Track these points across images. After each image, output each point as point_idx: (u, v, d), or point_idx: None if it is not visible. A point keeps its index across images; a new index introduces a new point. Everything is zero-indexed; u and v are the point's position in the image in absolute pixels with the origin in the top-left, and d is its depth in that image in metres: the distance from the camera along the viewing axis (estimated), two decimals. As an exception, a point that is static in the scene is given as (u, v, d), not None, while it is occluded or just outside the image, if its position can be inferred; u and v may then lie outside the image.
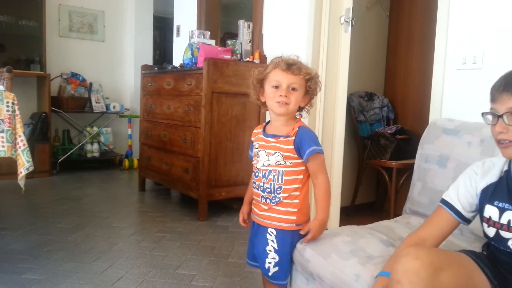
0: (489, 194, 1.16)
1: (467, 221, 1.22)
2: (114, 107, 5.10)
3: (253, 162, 1.55)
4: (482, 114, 1.11)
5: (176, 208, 3.48)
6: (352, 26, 2.82)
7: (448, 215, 1.21)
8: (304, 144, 1.43)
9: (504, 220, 1.11)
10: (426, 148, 1.84)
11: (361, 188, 3.34)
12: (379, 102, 3.34)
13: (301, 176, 1.46)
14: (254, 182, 1.53)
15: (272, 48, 3.27)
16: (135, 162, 5.05)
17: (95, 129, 5.03)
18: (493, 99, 1.08)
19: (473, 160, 1.44)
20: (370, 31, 3.43)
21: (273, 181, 1.46)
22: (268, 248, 1.47)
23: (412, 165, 1.96)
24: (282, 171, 1.45)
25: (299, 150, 1.43)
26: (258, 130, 1.58)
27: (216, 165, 3.10)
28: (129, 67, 5.48)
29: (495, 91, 1.07)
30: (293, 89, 1.42)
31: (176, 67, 3.51)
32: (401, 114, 3.43)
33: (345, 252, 1.38)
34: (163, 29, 6.78)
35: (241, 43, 3.42)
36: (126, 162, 5.08)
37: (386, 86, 3.58)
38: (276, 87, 1.42)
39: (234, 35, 3.61)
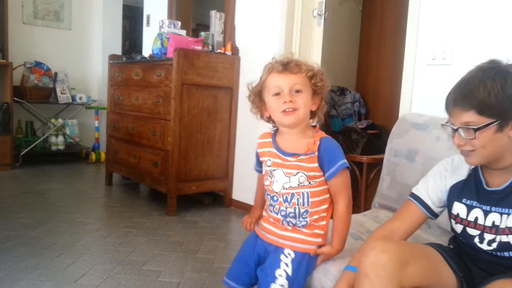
0: (457, 192, 1.17)
1: (435, 215, 1.23)
2: (80, 98, 4.93)
3: (265, 182, 1.34)
4: (442, 125, 1.11)
5: (144, 202, 3.40)
6: (325, 19, 2.82)
7: (417, 209, 1.22)
8: (329, 159, 1.23)
9: (471, 218, 1.12)
10: (396, 142, 1.85)
11: (331, 182, 3.35)
12: (351, 97, 3.35)
13: (327, 196, 1.29)
14: (271, 205, 1.32)
15: (245, 40, 3.23)
16: (102, 156, 4.90)
17: (60, 120, 4.85)
18: (448, 113, 1.07)
19: (441, 154, 1.46)
20: (343, 26, 3.43)
21: (297, 205, 1.26)
22: (279, 272, 1.24)
23: (382, 160, 1.96)
24: (307, 192, 1.25)
25: (322, 166, 1.24)
26: (265, 140, 1.35)
27: (186, 158, 3.04)
28: (96, 57, 5.31)
29: (448, 105, 1.06)
30: (298, 91, 1.21)
31: (145, 57, 3.41)
32: (373, 109, 3.45)
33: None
34: (133, 18, 6.61)
35: (212, 34, 3.35)
36: (93, 156, 4.93)
37: (358, 81, 3.59)
38: (277, 94, 1.22)
39: (207, 27, 3.54)
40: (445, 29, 2.06)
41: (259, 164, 1.41)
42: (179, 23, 3.42)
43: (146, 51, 4.10)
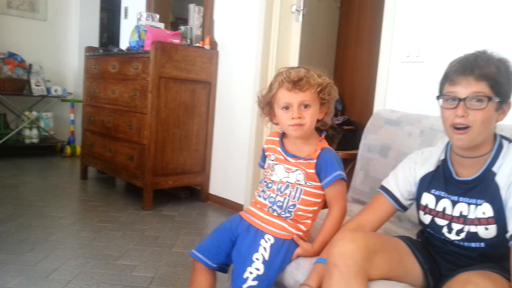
0: (426, 183, 1.19)
1: (404, 208, 1.25)
2: (55, 90, 4.82)
3: (265, 174, 1.40)
4: (438, 97, 1.09)
5: (120, 197, 3.36)
6: (303, 15, 2.83)
7: (386, 202, 1.24)
8: (327, 168, 1.28)
9: (439, 208, 1.15)
10: (369, 138, 1.88)
11: (308, 177, 3.37)
12: (328, 93, 3.38)
13: (319, 200, 1.33)
14: (262, 191, 1.36)
15: (223, 34, 3.21)
16: (78, 149, 4.81)
17: (35, 113, 4.74)
18: (453, 82, 1.04)
19: (413, 150, 1.48)
20: (321, 22, 3.45)
21: (288, 196, 1.31)
22: (256, 256, 1.26)
23: (357, 155, 1.98)
24: (301, 189, 1.31)
25: (319, 175, 1.30)
26: (273, 138, 1.42)
27: (163, 152, 3.01)
28: (73, 49, 5.19)
29: (457, 74, 1.03)
30: (306, 106, 1.27)
31: (122, 50, 3.36)
32: (349, 105, 3.49)
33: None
34: (111, 10, 6.49)
35: (191, 28, 3.33)
36: (68, 149, 4.84)
37: (335, 77, 3.62)
38: (286, 108, 1.28)
39: (186, 21, 3.51)
40: (419, 27, 2.09)
41: (264, 159, 1.45)
42: (157, 16, 3.38)
43: (124, 44, 4.05)
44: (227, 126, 3.17)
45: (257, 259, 1.26)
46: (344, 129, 2.96)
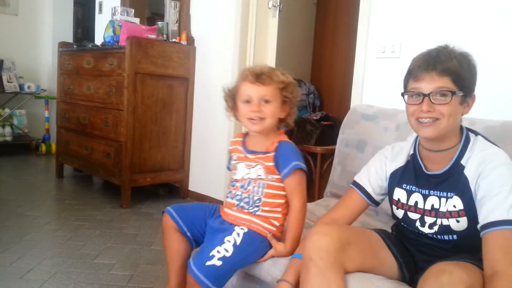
0: (397, 178, 1.21)
1: (376, 203, 1.27)
2: (29, 87, 4.70)
3: (231, 175, 1.43)
4: (403, 93, 1.11)
5: (97, 195, 3.31)
6: (280, 11, 2.83)
7: (359, 197, 1.26)
8: (284, 160, 1.30)
9: (411, 202, 1.17)
10: (346, 133, 1.90)
11: (287, 173, 3.39)
12: (306, 89, 3.40)
13: (283, 193, 1.34)
14: (229, 192, 1.40)
15: (200, 30, 3.19)
16: (53, 147, 4.70)
17: (7, 110, 4.61)
18: (417, 78, 1.06)
19: (389, 144, 1.50)
20: (298, 18, 3.45)
21: (252, 192, 1.34)
22: (228, 238, 1.26)
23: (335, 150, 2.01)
24: (263, 183, 1.33)
25: (278, 167, 1.31)
26: (237, 139, 1.45)
27: (140, 149, 2.98)
28: (46, 44, 5.07)
29: (420, 70, 1.05)
30: (266, 101, 1.29)
31: (97, 45, 3.30)
32: (327, 101, 3.52)
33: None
34: (85, 5, 6.35)
35: (167, 23, 3.29)
36: (43, 147, 4.73)
37: (313, 73, 3.64)
38: (247, 101, 1.31)
39: (162, 16, 3.46)
40: (395, 23, 2.12)
41: (230, 162, 1.48)
42: (132, 10, 3.33)
43: (99, 39, 3.96)
44: (205, 122, 3.15)
45: (228, 241, 1.26)
46: (322, 124, 2.98)
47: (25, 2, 4.92)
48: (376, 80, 2.20)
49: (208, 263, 1.21)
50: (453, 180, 1.10)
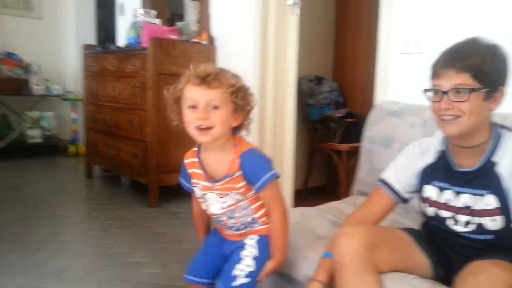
0: (428, 174, 1.18)
1: (405, 201, 1.24)
2: (55, 90, 4.82)
3: (201, 206, 1.29)
4: (425, 90, 1.10)
5: (126, 195, 3.39)
6: (300, 8, 2.82)
7: (386, 196, 1.23)
8: (254, 175, 1.18)
9: (443, 200, 1.14)
10: (372, 130, 1.89)
11: (313, 171, 3.40)
12: (328, 86, 3.39)
13: None
14: (220, 222, 1.29)
15: (220, 29, 3.21)
16: (81, 148, 4.81)
17: (36, 113, 4.75)
18: (437, 75, 1.05)
19: (417, 140, 1.50)
20: (318, 14, 3.44)
21: (243, 217, 1.24)
22: (244, 253, 1.22)
23: (360, 147, 2.00)
24: (247, 203, 1.22)
25: (249, 182, 1.19)
26: (192, 160, 1.27)
27: (165, 149, 3.03)
28: (70, 47, 5.18)
29: (439, 67, 1.05)
30: (215, 107, 1.12)
31: (120, 47, 3.37)
32: (350, 97, 3.50)
33: (293, 234, 1.39)
34: (107, 7, 6.45)
35: (187, 23, 3.32)
36: (71, 148, 4.85)
37: (335, 70, 3.63)
38: (193, 107, 1.12)
39: (182, 17, 3.50)
40: (417, 17, 2.10)
41: (188, 178, 1.31)
42: (154, 12, 3.37)
43: (121, 41, 4.04)
44: (228, 121, 3.17)
45: (246, 256, 1.22)
46: (346, 122, 2.97)
47: (49, 6, 5.04)
48: (400, 76, 2.18)
49: (234, 283, 1.19)
50: (486, 178, 1.07)
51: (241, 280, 1.18)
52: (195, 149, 1.28)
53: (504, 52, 1.04)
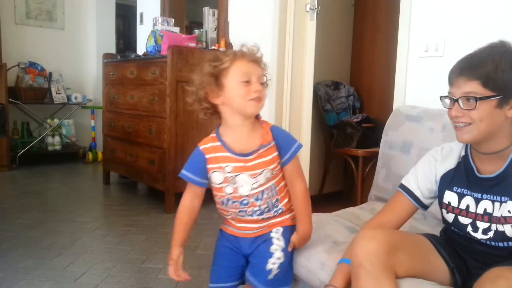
0: (448, 180, 1.16)
1: (425, 207, 1.23)
2: (75, 98, 4.92)
3: (225, 190, 1.25)
4: (440, 97, 1.11)
5: (143, 201, 3.41)
6: (317, 14, 2.82)
7: (406, 201, 1.22)
8: (285, 146, 1.24)
9: (463, 206, 1.12)
10: (390, 135, 1.86)
11: (328, 177, 3.36)
12: (345, 91, 3.36)
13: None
14: (242, 211, 1.26)
15: (238, 36, 3.23)
16: (99, 155, 4.89)
17: (56, 121, 4.84)
18: (450, 83, 1.07)
19: (435, 146, 1.46)
20: (336, 20, 3.43)
21: (269, 198, 1.26)
22: (273, 247, 1.25)
23: (377, 153, 1.97)
24: (273, 183, 1.26)
25: (280, 154, 1.24)
26: (212, 144, 1.26)
27: (183, 156, 3.04)
28: (91, 56, 5.29)
29: (452, 75, 1.06)
30: (262, 83, 1.21)
31: (139, 55, 3.41)
32: (367, 103, 3.46)
33: (311, 239, 1.37)
34: (126, 17, 6.59)
35: (206, 31, 3.36)
36: (90, 155, 4.93)
37: (352, 75, 3.60)
38: (247, 81, 1.17)
39: (200, 24, 3.54)
40: (437, 21, 2.06)
41: (201, 173, 1.28)
42: (172, 20, 3.42)
43: (140, 49, 4.10)
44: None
45: (275, 250, 1.25)
46: (363, 127, 2.94)
47: (71, 16, 5.16)
48: (419, 81, 2.15)
49: (270, 276, 1.23)
50: (507, 184, 1.05)
51: (275, 272, 1.23)
52: (213, 134, 1.28)
53: None
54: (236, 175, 1.23)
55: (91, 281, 1.96)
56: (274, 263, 1.23)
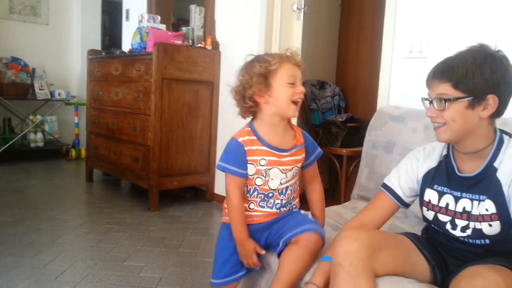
0: (429, 179, 1.18)
1: (406, 205, 1.25)
2: (59, 94, 4.85)
3: (254, 181, 1.31)
4: (422, 99, 1.14)
5: (126, 198, 3.37)
6: (304, 14, 2.83)
7: (388, 200, 1.24)
8: (312, 149, 1.37)
9: (442, 204, 1.14)
10: (374, 134, 1.88)
11: (313, 175, 3.37)
12: (331, 90, 3.38)
13: None
14: (264, 200, 1.33)
15: (225, 35, 3.22)
16: (83, 152, 4.82)
17: (39, 117, 4.77)
18: (427, 85, 1.11)
19: (418, 146, 1.48)
20: (322, 20, 3.45)
21: (290, 194, 1.37)
22: (296, 210, 1.41)
23: (361, 152, 1.99)
24: (295, 181, 1.37)
25: (306, 155, 1.36)
26: (249, 138, 1.30)
27: (167, 153, 3.03)
28: (75, 52, 5.22)
29: (428, 77, 1.10)
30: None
31: (125, 52, 3.37)
32: (352, 102, 3.49)
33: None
34: (113, 13, 6.51)
35: (192, 29, 3.34)
36: (73, 152, 4.86)
37: (338, 75, 3.62)
38: (292, 83, 1.24)
39: (187, 22, 3.52)
40: (422, 22, 2.09)
41: (245, 165, 1.29)
42: (159, 17, 3.39)
43: (126, 46, 4.06)
44: (230, 126, 3.17)
45: (299, 211, 1.40)
46: (347, 126, 2.96)
47: (55, 12, 5.09)
48: (404, 81, 2.17)
49: (310, 216, 1.37)
50: (486, 183, 1.07)
51: (311, 217, 1.36)
52: (248, 128, 1.33)
53: (500, 62, 1.02)
54: (270, 169, 1.30)
55: (72, 279, 1.93)
56: (305, 213, 1.37)
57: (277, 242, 1.31)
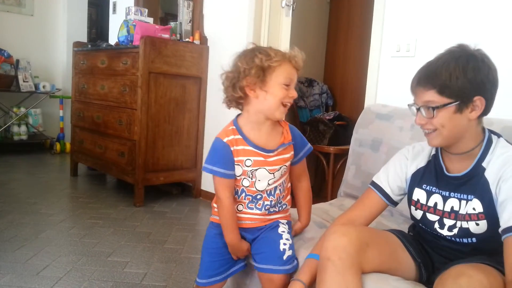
0: (418, 178, 1.19)
1: (395, 203, 1.26)
2: (44, 86, 4.76)
3: (242, 183, 1.27)
4: (408, 105, 1.13)
5: (111, 193, 3.34)
6: (293, 10, 2.82)
7: (377, 198, 1.24)
8: (300, 145, 1.33)
9: (431, 203, 1.15)
10: (361, 132, 1.88)
11: (300, 173, 3.37)
12: (319, 88, 3.38)
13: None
14: (252, 202, 1.30)
15: (213, 30, 3.19)
16: (67, 146, 4.75)
17: (23, 109, 4.68)
18: (412, 92, 1.10)
19: (404, 144, 1.49)
20: (311, 17, 3.44)
21: (280, 193, 1.33)
22: (281, 229, 1.30)
23: (348, 150, 1.99)
24: (284, 179, 1.33)
25: (296, 151, 1.32)
26: (234, 137, 1.25)
27: (153, 148, 3.00)
28: (61, 44, 5.13)
29: (412, 85, 1.10)
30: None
31: (111, 45, 3.33)
32: (340, 100, 3.50)
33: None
34: (100, 6, 6.42)
35: (180, 23, 3.30)
36: (58, 146, 4.79)
37: (326, 72, 3.63)
38: (287, 85, 1.20)
39: (175, 16, 3.48)
40: (410, 22, 2.10)
41: (232, 166, 1.25)
42: (146, 10, 3.35)
43: (113, 39, 4.00)
44: (218, 122, 3.15)
45: (282, 231, 1.30)
46: (335, 124, 2.96)
47: (40, 2, 4.99)
48: (391, 80, 2.18)
49: (285, 256, 1.26)
50: (474, 183, 1.08)
51: (288, 253, 1.27)
52: (232, 127, 1.28)
53: (481, 62, 1.02)
54: (256, 169, 1.25)
55: (54, 274, 1.91)
56: (285, 244, 1.27)
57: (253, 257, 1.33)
